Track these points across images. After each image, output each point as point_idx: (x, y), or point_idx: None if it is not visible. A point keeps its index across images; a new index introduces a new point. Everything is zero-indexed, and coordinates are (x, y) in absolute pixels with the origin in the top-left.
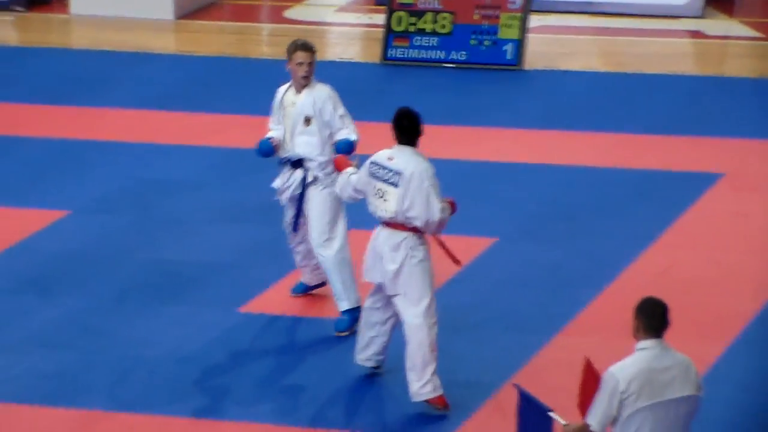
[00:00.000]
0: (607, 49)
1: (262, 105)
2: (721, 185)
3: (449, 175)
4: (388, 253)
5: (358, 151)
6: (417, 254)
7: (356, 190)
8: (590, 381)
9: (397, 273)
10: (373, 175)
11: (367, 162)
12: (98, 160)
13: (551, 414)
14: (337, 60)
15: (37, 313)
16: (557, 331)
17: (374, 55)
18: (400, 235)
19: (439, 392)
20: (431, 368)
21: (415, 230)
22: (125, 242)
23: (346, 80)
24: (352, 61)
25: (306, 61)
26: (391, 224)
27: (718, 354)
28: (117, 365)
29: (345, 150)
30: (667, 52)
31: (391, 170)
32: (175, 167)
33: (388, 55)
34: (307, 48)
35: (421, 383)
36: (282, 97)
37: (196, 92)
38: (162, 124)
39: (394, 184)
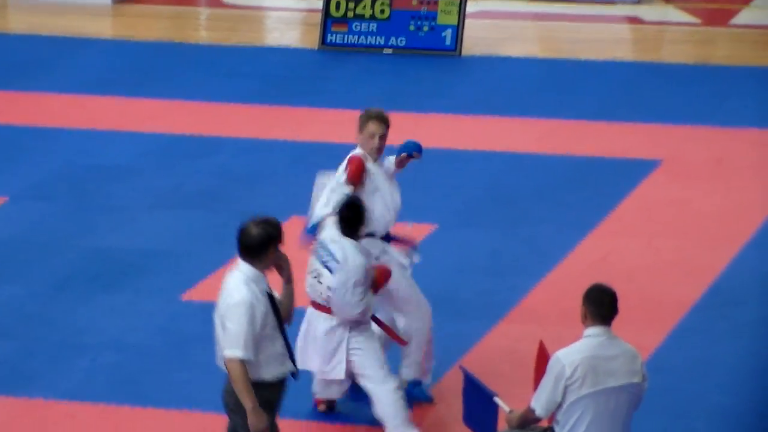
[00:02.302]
0: (545, 35)
1: (199, 90)
2: (659, 172)
3: None
4: (322, 337)
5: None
6: (352, 342)
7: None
8: (544, 364)
9: (330, 361)
10: (315, 253)
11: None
12: (35, 146)
13: (496, 399)
14: (276, 46)
15: None
16: (499, 318)
17: (313, 41)
18: (333, 319)
19: None
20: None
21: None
22: (64, 229)
23: (284, 66)
24: (291, 46)
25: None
26: (321, 307)
27: (659, 342)
28: (57, 353)
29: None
30: (604, 37)
31: (331, 254)
32: (113, 153)
33: (327, 41)
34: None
35: None
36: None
37: (134, 77)
38: (100, 109)
39: (330, 270)
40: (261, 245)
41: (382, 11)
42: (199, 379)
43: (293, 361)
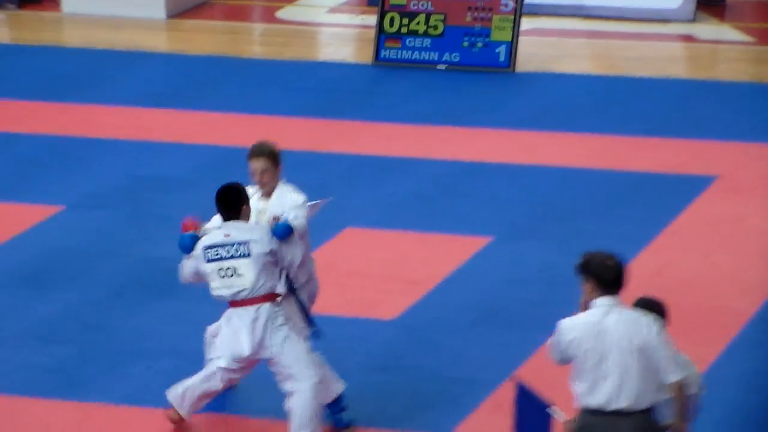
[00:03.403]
0: (599, 52)
1: (254, 103)
2: (714, 188)
3: (442, 176)
4: (246, 328)
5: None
6: (278, 319)
7: (198, 275)
8: None
9: (261, 342)
10: (214, 260)
11: (200, 251)
12: (91, 157)
13: (550, 409)
14: (329, 61)
15: (33, 307)
16: (554, 330)
17: (366, 56)
18: (255, 307)
19: None
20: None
21: (268, 298)
22: (120, 238)
23: (337, 81)
24: (344, 62)
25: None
26: (244, 302)
27: (715, 355)
28: (114, 359)
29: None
30: (658, 55)
31: (233, 244)
32: (168, 164)
33: (381, 56)
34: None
35: None
36: None
37: (188, 91)
38: (154, 121)
39: (245, 255)
40: None
41: (436, 27)
42: (253, 384)
43: None
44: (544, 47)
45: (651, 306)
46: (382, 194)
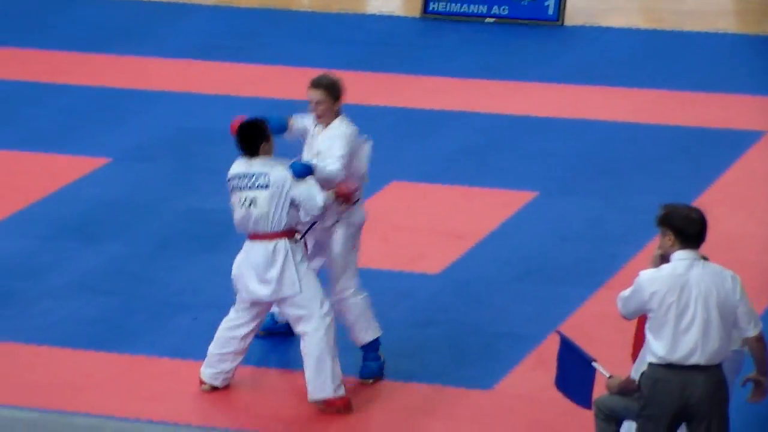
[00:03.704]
0: (648, 6)
1: (300, 57)
2: (762, 143)
3: (488, 130)
4: (263, 264)
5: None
6: (297, 255)
7: None
8: (643, 331)
9: (280, 279)
10: (238, 189)
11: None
12: (138, 109)
13: (594, 364)
14: (377, 13)
15: (79, 259)
16: (600, 286)
17: (415, 9)
18: (272, 242)
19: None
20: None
21: (285, 234)
22: (166, 190)
23: (385, 34)
24: (393, 15)
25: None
26: (261, 235)
27: (762, 309)
28: (159, 311)
29: None
30: (707, 9)
31: (254, 174)
32: (215, 117)
33: (429, 9)
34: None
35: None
36: None
37: (235, 43)
38: (201, 74)
39: (264, 186)
40: None
41: None
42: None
43: None
44: (593, 1)
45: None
46: (428, 148)
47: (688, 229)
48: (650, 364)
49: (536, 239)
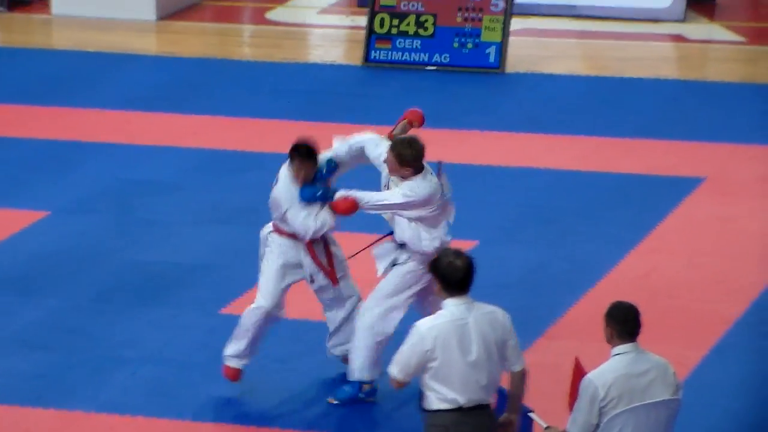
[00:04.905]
0: (589, 53)
1: (243, 106)
2: (703, 189)
3: None
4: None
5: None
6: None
7: None
8: (579, 381)
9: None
10: None
11: None
12: (79, 161)
13: (531, 415)
14: (319, 62)
15: (17, 313)
16: (539, 335)
17: (356, 57)
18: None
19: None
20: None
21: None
22: (106, 243)
23: (328, 82)
24: (335, 63)
25: None
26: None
27: (699, 358)
28: (98, 366)
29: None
30: (648, 55)
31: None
32: (156, 168)
33: (371, 57)
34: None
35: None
36: None
37: (178, 93)
38: (143, 125)
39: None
40: None
41: (426, 28)
42: (238, 393)
43: None
44: (534, 48)
45: (626, 313)
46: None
47: (452, 277)
48: (437, 412)
49: (475, 288)
